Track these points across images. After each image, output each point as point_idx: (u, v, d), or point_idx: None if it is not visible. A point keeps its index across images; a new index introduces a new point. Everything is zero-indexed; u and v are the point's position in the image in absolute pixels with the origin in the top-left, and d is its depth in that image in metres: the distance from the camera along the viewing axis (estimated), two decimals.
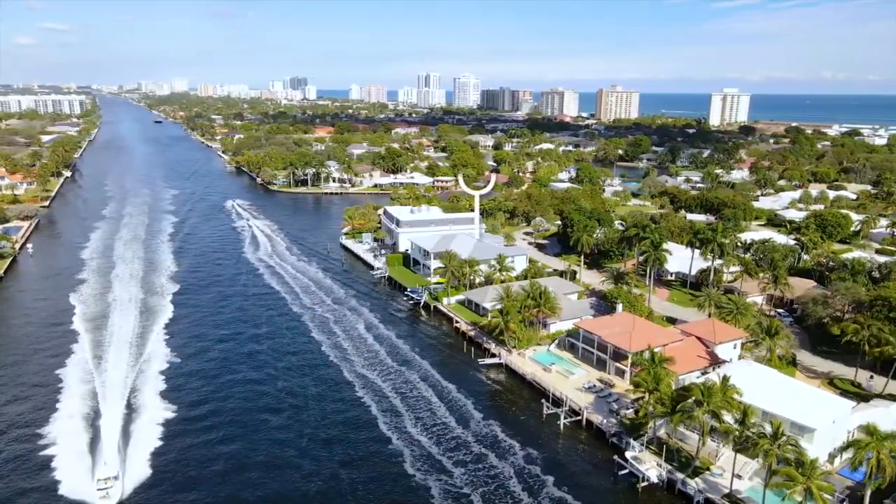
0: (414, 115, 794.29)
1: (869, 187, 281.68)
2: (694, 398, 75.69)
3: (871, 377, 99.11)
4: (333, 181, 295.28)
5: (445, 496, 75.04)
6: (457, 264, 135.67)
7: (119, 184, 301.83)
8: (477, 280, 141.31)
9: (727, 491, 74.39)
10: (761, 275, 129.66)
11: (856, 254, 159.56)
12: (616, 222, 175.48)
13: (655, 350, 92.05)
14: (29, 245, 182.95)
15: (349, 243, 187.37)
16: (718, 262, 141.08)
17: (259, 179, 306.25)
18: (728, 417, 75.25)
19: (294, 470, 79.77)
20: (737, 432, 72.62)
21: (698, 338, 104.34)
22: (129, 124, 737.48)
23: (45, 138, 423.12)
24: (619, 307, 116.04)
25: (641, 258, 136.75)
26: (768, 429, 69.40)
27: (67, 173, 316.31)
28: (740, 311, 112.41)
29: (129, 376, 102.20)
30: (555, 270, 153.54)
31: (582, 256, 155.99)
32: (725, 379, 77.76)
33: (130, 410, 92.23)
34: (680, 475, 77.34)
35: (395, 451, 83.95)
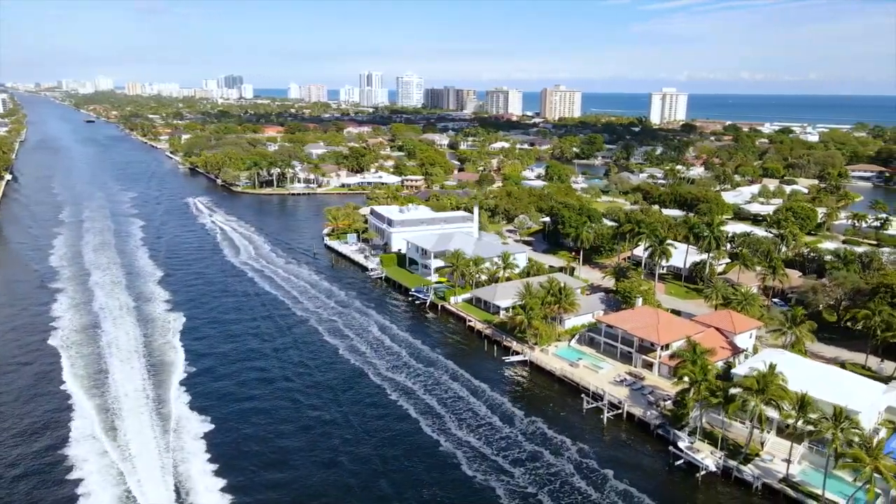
0: (360, 115, 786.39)
1: (815, 181, 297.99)
2: (748, 387, 77.79)
3: (882, 361, 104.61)
4: (299, 181, 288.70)
5: (512, 496, 74.45)
6: (464, 263, 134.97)
7: (68, 187, 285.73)
8: (482, 278, 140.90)
9: (782, 475, 76.96)
10: (758, 267, 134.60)
11: (827, 244, 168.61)
12: (604, 219, 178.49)
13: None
14: None
15: (334, 244, 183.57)
16: (710, 255, 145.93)
17: (219, 181, 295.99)
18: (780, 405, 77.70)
19: (345, 488, 76.70)
20: (793, 419, 75.26)
21: (717, 328, 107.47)
22: (58, 124, 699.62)
23: None
24: (640, 301, 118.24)
25: (646, 253, 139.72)
26: (829, 413, 72.15)
27: (8, 176, 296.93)
28: (748, 301, 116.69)
29: (147, 392, 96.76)
30: (551, 267, 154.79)
31: (581, 252, 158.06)
32: (772, 367, 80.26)
33: (163, 429, 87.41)
34: (733, 462, 79.47)
35: (448, 454, 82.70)
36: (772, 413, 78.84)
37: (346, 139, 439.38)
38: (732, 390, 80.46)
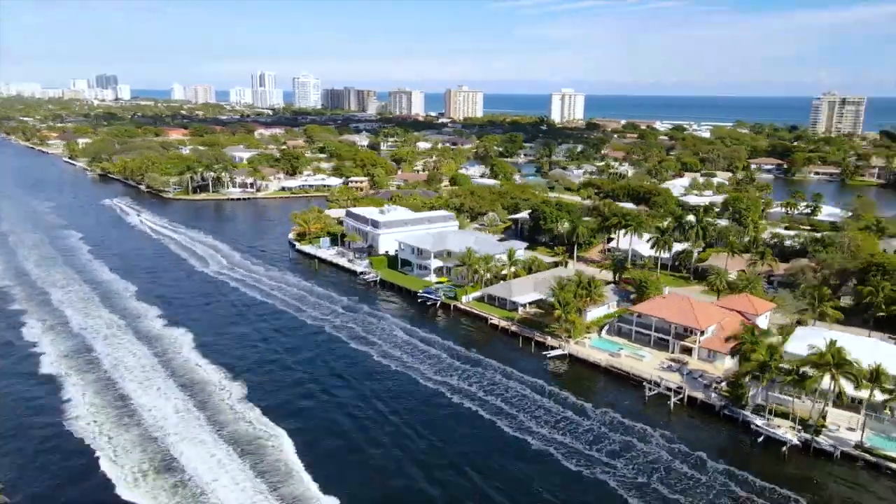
0: (262, 116, 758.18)
1: (729, 174, 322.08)
2: (824, 363, 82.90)
3: (889, 336, 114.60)
4: (234, 186, 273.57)
5: (627, 487, 74.82)
6: (476, 261, 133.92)
7: None
8: (486, 276, 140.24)
9: (854, 443, 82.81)
10: (746, 255, 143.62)
11: (776, 230, 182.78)
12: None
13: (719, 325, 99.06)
14: None
15: (308, 249, 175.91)
16: (688, 244, 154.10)
17: (144, 187, 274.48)
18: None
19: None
20: (868, 391, 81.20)
21: (739, 311, 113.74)
22: None
23: None
24: (667, 290, 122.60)
25: (649, 244, 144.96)
26: None
27: None
28: (753, 285, 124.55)
29: (198, 415, 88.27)
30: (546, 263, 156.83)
31: (574, 246, 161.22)
32: (833, 343, 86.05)
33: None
34: (806, 435, 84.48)
35: (543, 452, 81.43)
36: (847, 386, 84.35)
37: (261, 142, 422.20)
38: (804, 368, 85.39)
